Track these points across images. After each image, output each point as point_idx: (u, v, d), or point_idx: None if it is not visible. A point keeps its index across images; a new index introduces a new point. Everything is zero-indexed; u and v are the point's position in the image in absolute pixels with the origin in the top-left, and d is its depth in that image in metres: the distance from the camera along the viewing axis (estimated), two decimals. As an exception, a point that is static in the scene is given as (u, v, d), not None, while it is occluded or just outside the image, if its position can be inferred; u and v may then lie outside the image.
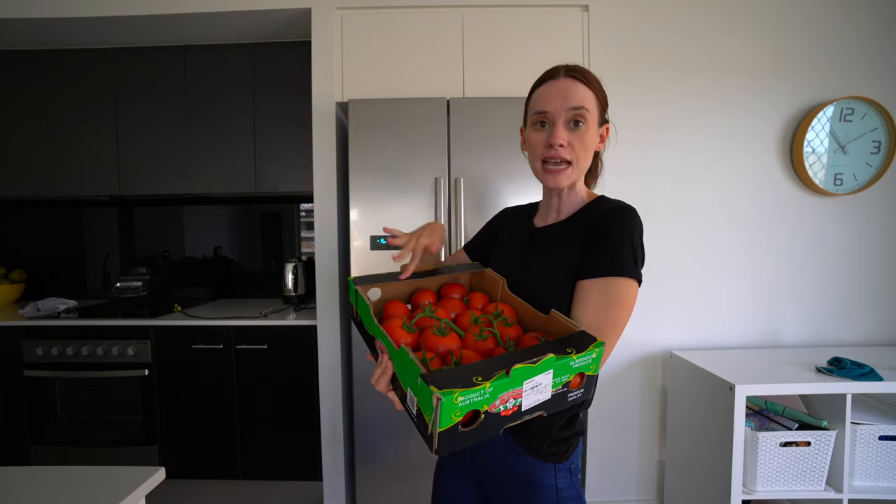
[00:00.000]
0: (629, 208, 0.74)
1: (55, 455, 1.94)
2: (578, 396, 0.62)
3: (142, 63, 2.12)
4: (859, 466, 1.47)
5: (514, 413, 0.57)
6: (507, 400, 0.56)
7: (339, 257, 1.87)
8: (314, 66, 1.82)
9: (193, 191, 2.14)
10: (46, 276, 2.50)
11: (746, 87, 1.82)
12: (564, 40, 1.81)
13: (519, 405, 0.57)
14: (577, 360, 0.59)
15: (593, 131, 0.76)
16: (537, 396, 0.58)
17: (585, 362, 0.60)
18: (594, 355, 0.60)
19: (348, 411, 1.92)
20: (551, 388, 0.59)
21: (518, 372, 0.55)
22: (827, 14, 1.81)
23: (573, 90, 0.75)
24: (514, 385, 0.55)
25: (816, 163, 1.81)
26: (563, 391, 0.60)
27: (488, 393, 0.53)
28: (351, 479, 1.94)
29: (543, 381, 0.58)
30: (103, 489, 0.76)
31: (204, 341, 1.90)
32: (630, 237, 0.71)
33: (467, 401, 0.52)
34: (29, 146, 2.14)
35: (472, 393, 0.52)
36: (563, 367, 0.58)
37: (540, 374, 0.57)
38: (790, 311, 1.87)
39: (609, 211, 0.74)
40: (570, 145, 0.75)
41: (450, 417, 0.52)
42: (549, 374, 0.57)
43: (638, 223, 0.72)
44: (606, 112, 0.80)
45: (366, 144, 1.65)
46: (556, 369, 0.58)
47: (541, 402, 0.59)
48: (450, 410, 0.51)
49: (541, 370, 0.56)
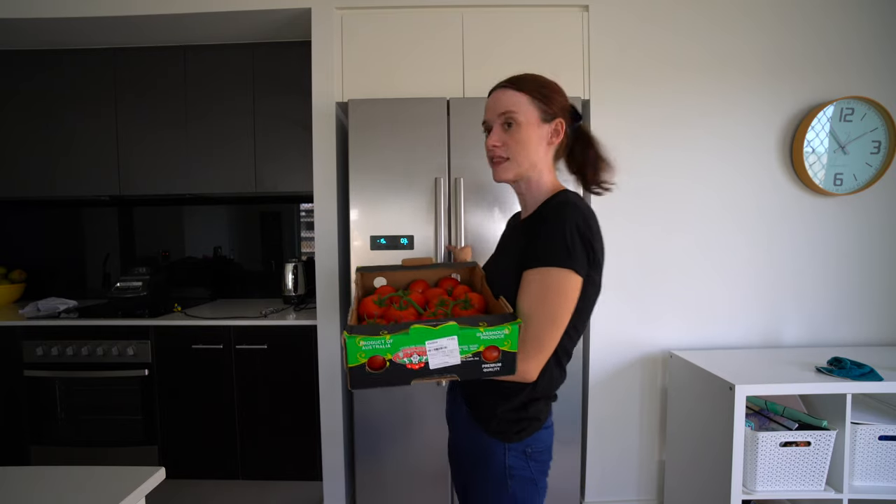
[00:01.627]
0: (570, 202, 0.79)
1: (55, 455, 1.94)
2: (495, 369, 0.69)
3: (142, 63, 2.12)
4: (859, 466, 1.47)
5: (421, 369, 0.67)
6: (411, 355, 0.66)
7: (339, 257, 1.87)
8: (314, 66, 1.82)
9: (193, 191, 2.14)
10: (46, 276, 2.50)
11: (747, 86, 1.82)
12: (564, 40, 1.81)
13: (425, 362, 0.67)
14: (484, 333, 0.66)
15: (529, 130, 0.82)
16: (444, 359, 0.67)
17: (495, 336, 0.67)
18: (506, 331, 0.66)
19: (348, 411, 1.92)
20: (459, 353, 0.67)
21: (417, 331, 0.65)
22: (827, 14, 1.81)
23: (503, 98, 0.83)
24: (415, 342, 0.66)
25: (816, 163, 1.81)
26: (475, 360, 0.68)
27: (389, 343, 0.65)
28: (351, 479, 1.94)
29: (448, 346, 0.66)
30: (103, 489, 0.76)
31: (204, 341, 1.90)
32: (563, 230, 0.75)
33: (369, 346, 0.64)
34: (29, 146, 2.14)
35: (374, 340, 0.64)
36: (468, 336, 0.66)
37: (443, 338, 0.66)
38: (790, 311, 1.87)
39: (553, 205, 0.81)
40: (505, 144, 0.83)
41: (355, 357, 0.65)
42: (453, 340, 0.66)
43: (576, 215, 0.76)
44: (552, 110, 0.83)
45: (366, 144, 1.65)
46: (460, 337, 0.66)
47: (450, 365, 0.67)
48: (354, 351, 0.64)
49: (442, 334, 0.66)
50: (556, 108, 0.83)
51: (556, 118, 0.83)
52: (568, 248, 0.74)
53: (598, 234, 0.79)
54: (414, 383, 0.69)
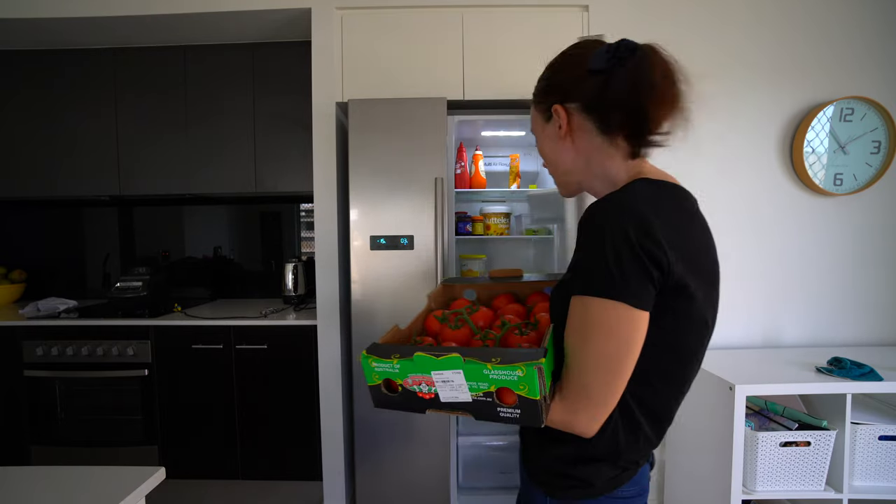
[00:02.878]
0: (614, 201, 0.58)
1: (55, 455, 1.94)
2: (512, 416, 0.56)
3: (142, 63, 2.12)
4: (859, 466, 1.47)
5: (431, 399, 0.61)
6: (420, 383, 0.60)
7: (339, 257, 1.87)
8: (314, 66, 1.82)
9: (193, 191, 2.14)
10: (46, 276, 2.50)
11: (747, 86, 1.82)
12: (564, 40, 1.80)
13: (435, 393, 0.60)
14: (492, 371, 0.55)
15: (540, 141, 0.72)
16: (454, 393, 0.59)
17: (505, 377, 0.54)
18: (520, 373, 0.53)
19: (348, 411, 1.92)
20: (468, 390, 0.58)
21: (420, 358, 0.58)
22: (829, 12, 1.81)
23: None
24: (421, 371, 0.59)
25: (816, 163, 1.81)
26: (489, 401, 0.57)
27: (396, 368, 0.60)
28: (351, 479, 1.94)
29: (455, 379, 0.58)
30: (103, 489, 0.76)
31: (204, 341, 1.90)
32: (603, 245, 0.54)
33: (381, 369, 0.61)
34: (29, 146, 2.14)
35: (384, 363, 0.61)
36: (474, 373, 0.56)
37: (447, 370, 0.58)
38: (790, 311, 1.87)
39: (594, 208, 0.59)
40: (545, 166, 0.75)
41: (371, 377, 0.63)
42: (459, 374, 0.57)
43: (623, 221, 0.54)
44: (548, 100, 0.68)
45: (366, 144, 1.66)
46: (466, 372, 0.56)
47: (461, 402, 0.59)
48: (369, 371, 0.62)
49: (445, 366, 0.57)
50: (551, 93, 0.67)
51: (552, 104, 0.67)
52: (610, 272, 0.54)
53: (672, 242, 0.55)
54: (429, 412, 0.63)
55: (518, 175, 1.96)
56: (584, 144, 0.66)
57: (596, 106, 0.63)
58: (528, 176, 2.17)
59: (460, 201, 2.04)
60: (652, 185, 0.60)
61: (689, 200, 0.63)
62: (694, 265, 0.57)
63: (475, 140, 2.06)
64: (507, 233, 1.96)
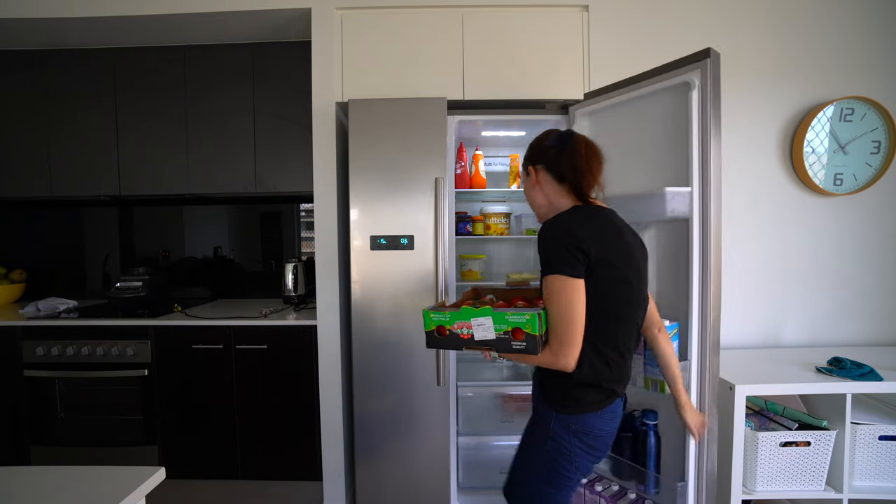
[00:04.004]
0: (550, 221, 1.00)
1: (55, 455, 1.94)
2: (520, 347, 0.95)
3: (142, 63, 2.12)
4: (859, 466, 1.47)
5: (468, 339, 0.99)
6: (462, 327, 0.99)
7: (340, 257, 1.87)
8: (314, 66, 1.82)
9: (193, 191, 2.14)
10: (46, 276, 2.50)
11: (747, 86, 1.82)
12: (564, 40, 1.81)
13: (471, 334, 0.98)
14: (510, 316, 0.94)
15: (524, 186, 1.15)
16: (483, 333, 0.98)
17: (518, 320, 0.94)
18: (526, 317, 0.93)
19: (348, 411, 1.92)
20: (494, 330, 0.96)
21: (465, 310, 0.99)
22: (829, 14, 1.81)
23: None
24: (464, 318, 0.99)
25: (816, 163, 1.81)
26: (506, 338, 0.96)
27: (447, 317, 1.01)
28: (351, 479, 1.94)
29: (485, 323, 0.96)
30: (103, 489, 0.76)
31: (204, 341, 1.90)
32: (546, 245, 0.97)
33: (437, 318, 1.02)
34: (29, 146, 2.14)
35: (439, 314, 1.02)
36: (499, 318, 0.96)
37: (481, 317, 0.97)
38: (790, 311, 1.87)
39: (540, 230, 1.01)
40: None
41: (428, 324, 1.03)
42: (489, 319, 0.96)
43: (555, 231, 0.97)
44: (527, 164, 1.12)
45: (366, 144, 1.66)
46: (493, 317, 0.96)
47: (488, 339, 0.97)
48: (428, 320, 1.03)
49: (481, 314, 0.97)
50: (529, 160, 1.11)
51: (528, 166, 1.11)
52: (551, 258, 0.95)
53: (588, 238, 0.94)
54: (465, 350, 1.00)
55: (518, 175, 1.96)
56: (547, 190, 1.09)
57: (552, 167, 1.07)
58: (528, 176, 2.17)
59: (460, 201, 2.04)
60: (575, 210, 1.02)
61: (601, 213, 1.03)
62: (609, 247, 0.97)
63: (475, 140, 2.06)
64: (507, 233, 1.96)
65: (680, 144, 1.34)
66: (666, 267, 1.42)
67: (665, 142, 1.40)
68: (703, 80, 1.25)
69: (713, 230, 1.26)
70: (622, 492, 1.53)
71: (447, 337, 0.99)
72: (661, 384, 1.28)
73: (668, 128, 1.39)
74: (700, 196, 1.27)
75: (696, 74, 1.27)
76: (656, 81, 1.39)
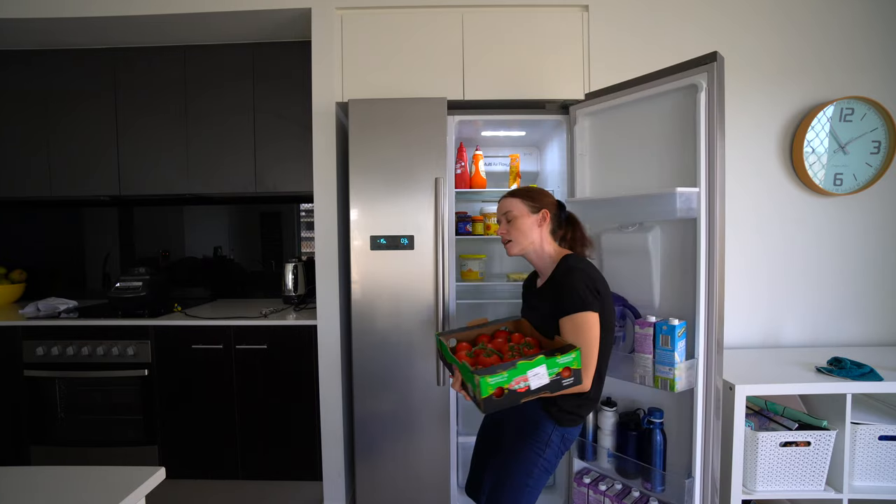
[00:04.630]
0: (573, 267, 1.17)
1: (55, 455, 1.94)
2: (571, 382, 1.05)
3: (142, 63, 2.12)
4: (859, 466, 1.47)
5: (526, 391, 1.03)
6: (519, 382, 1.02)
7: (340, 257, 1.87)
8: (314, 66, 1.82)
9: (193, 191, 2.14)
10: (46, 276, 2.50)
11: (747, 86, 1.82)
12: (564, 40, 1.81)
13: (528, 386, 1.03)
14: (561, 359, 1.04)
15: (522, 220, 1.25)
16: (539, 381, 1.03)
17: (568, 360, 1.05)
18: (573, 356, 1.05)
19: (348, 411, 1.92)
20: (548, 375, 1.04)
21: (522, 365, 1.03)
22: (830, 14, 1.81)
23: (503, 203, 1.30)
24: (521, 373, 1.02)
25: (816, 163, 1.81)
26: (558, 378, 1.04)
27: (506, 377, 1.01)
28: (351, 479, 1.94)
29: (540, 372, 1.03)
30: (103, 489, 0.76)
31: (204, 341, 1.90)
32: (575, 286, 1.12)
33: (494, 381, 1.00)
34: (29, 146, 2.14)
35: (497, 377, 1.01)
36: (552, 363, 1.04)
37: (537, 367, 1.03)
38: (790, 310, 1.87)
39: (562, 271, 1.19)
40: (508, 232, 1.28)
41: (486, 391, 1.00)
42: (543, 367, 1.03)
43: (580, 277, 1.14)
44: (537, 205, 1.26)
45: (366, 144, 1.65)
46: (548, 364, 1.04)
47: (543, 385, 1.04)
48: (485, 386, 1.00)
49: (537, 364, 1.03)
50: (540, 203, 1.26)
51: (542, 209, 1.26)
52: (582, 298, 1.11)
53: (599, 277, 1.18)
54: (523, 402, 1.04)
55: (518, 175, 1.96)
56: (543, 233, 1.27)
57: (555, 218, 1.28)
58: (529, 176, 2.17)
59: (460, 201, 2.04)
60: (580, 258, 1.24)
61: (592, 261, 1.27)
62: (605, 286, 1.18)
63: (475, 140, 2.06)
64: (507, 233, 1.96)
65: (684, 145, 1.35)
66: (671, 267, 1.43)
67: (669, 143, 1.41)
68: (709, 82, 1.27)
69: (718, 230, 1.27)
70: (626, 490, 1.53)
71: (504, 396, 1.01)
72: (671, 382, 1.29)
73: (672, 129, 1.40)
74: (707, 196, 1.29)
75: (704, 77, 1.28)
76: (663, 83, 1.40)
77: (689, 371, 1.32)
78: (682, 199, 1.29)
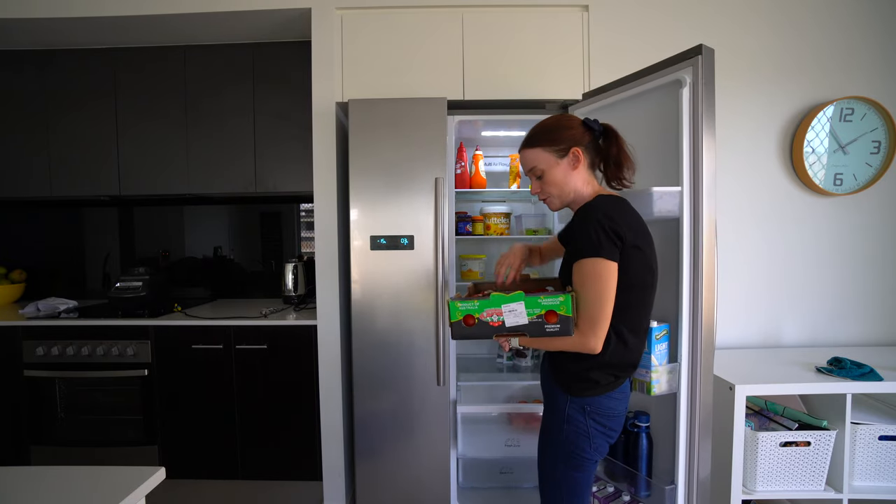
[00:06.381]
0: (591, 204, 1.00)
1: (55, 455, 1.94)
2: (555, 330, 0.94)
3: (142, 63, 2.12)
4: (859, 466, 1.47)
5: (499, 326, 0.96)
6: (492, 315, 0.96)
7: (340, 257, 1.87)
8: (314, 66, 1.82)
9: (193, 191, 2.14)
10: (46, 276, 2.50)
11: (747, 86, 1.82)
12: (564, 40, 1.81)
13: (502, 321, 0.96)
14: (544, 300, 0.93)
15: (552, 172, 1.06)
16: (516, 319, 0.95)
17: (552, 303, 0.93)
18: (560, 300, 0.93)
19: (348, 411, 1.92)
20: (526, 315, 0.94)
21: (495, 297, 0.96)
22: (829, 14, 1.81)
23: (524, 158, 1.10)
24: (495, 306, 0.96)
25: (816, 163, 1.81)
26: (539, 321, 0.94)
27: (476, 305, 0.97)
28: (351, 479, 1.94)
29: (517, 309, 0.94)
30: (103, 489, 0.76)
31: (204, 341, 1.90)
32: (587, 228, 0.95)
33: (464, 308, 0.97)
34: (29, 146, 2.14)
35: (467, 303, 0.97)
36: (532, 302, 0.94)
37: (513, 303, 0.94)
38: (790, 310, 1.87)
39: (580, 211, 1.02)
40: (542, 190, 1.09)
41: (455, 315, 0.98)
42: (521, 304, 0.94)
43: (596, 214, 0.96)
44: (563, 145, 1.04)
45: (366, 144, 1.65)
46: (526, 302, 0.94)
47: (521, 325, 0.95)
48: (455, 310, 0.98)
49: (513, 300, 0.95)
50: (566, 142, 1.04)
51: (571, 148, 1.04)
52: (592, 242, 0.94)
53: (626, 222, 0.97)
54: (495, 338, 0.97)
55: (518, 175, 1.96)
56: (583, 175, 1.07)
57: (589, 150, 1.06)
58: (528, 176, 2.17)
59: (460, 201, 2.03)
60: (608, 197, 1.03)
61: (626, 201, 1.04)
62: (639, 234, 0.99)
63: (475, 140, 2.06)
64: (507, 233, 1.96)
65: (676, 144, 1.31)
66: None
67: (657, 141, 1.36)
68: (694, 77, 1.21)
69: (705, 231, 1.20)
70: (616, 493, 1.52)
71: (475, 326, 0.95)
72: (648, 385, 1.24)
73: (660, 127, 1.35)
74: (691, 196, 1.22)
75: (688, 72, 1.22)
76: (648, 80, 1.35)
77: (671, 375, 1.26)
78: (659, 199, 1.23)
